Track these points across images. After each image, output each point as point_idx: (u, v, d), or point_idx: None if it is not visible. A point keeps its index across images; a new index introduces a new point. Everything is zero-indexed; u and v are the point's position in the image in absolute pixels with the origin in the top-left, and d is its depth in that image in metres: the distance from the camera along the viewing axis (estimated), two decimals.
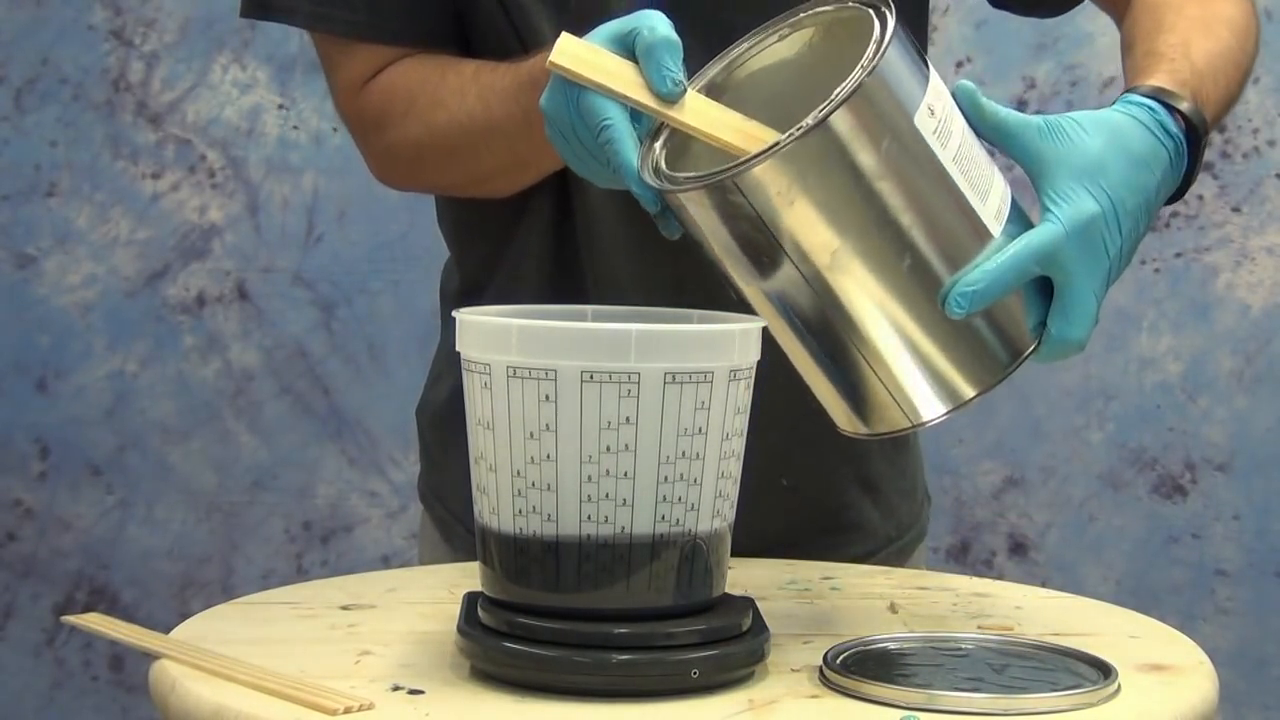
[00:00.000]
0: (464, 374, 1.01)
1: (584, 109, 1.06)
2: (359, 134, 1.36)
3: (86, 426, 2.45)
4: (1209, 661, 1.07)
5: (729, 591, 1.03)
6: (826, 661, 1.00)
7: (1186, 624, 1.75)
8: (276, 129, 2.44)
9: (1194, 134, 1.11)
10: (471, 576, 1.08)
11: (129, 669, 2.46)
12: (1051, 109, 2.39)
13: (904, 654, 1.04)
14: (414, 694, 0.97)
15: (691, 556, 0.99)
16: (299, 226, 2.45)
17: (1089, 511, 2.44)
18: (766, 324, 1.03)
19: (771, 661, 1.02)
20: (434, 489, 1.43)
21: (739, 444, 1.01)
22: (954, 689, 0.97)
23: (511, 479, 0.98)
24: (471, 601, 1.04)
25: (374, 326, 2.45)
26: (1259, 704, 2.43)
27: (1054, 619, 1.17)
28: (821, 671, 1.00)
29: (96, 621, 1.11)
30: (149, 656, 1.04)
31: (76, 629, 1.28)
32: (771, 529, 1.32)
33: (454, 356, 1.03)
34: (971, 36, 2.40)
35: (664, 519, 0.97)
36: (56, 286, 2.44)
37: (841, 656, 1.01)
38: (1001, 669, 1.02)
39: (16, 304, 2.44)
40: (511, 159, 1.27)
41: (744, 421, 1.01)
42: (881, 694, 0.96)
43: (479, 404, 1.00)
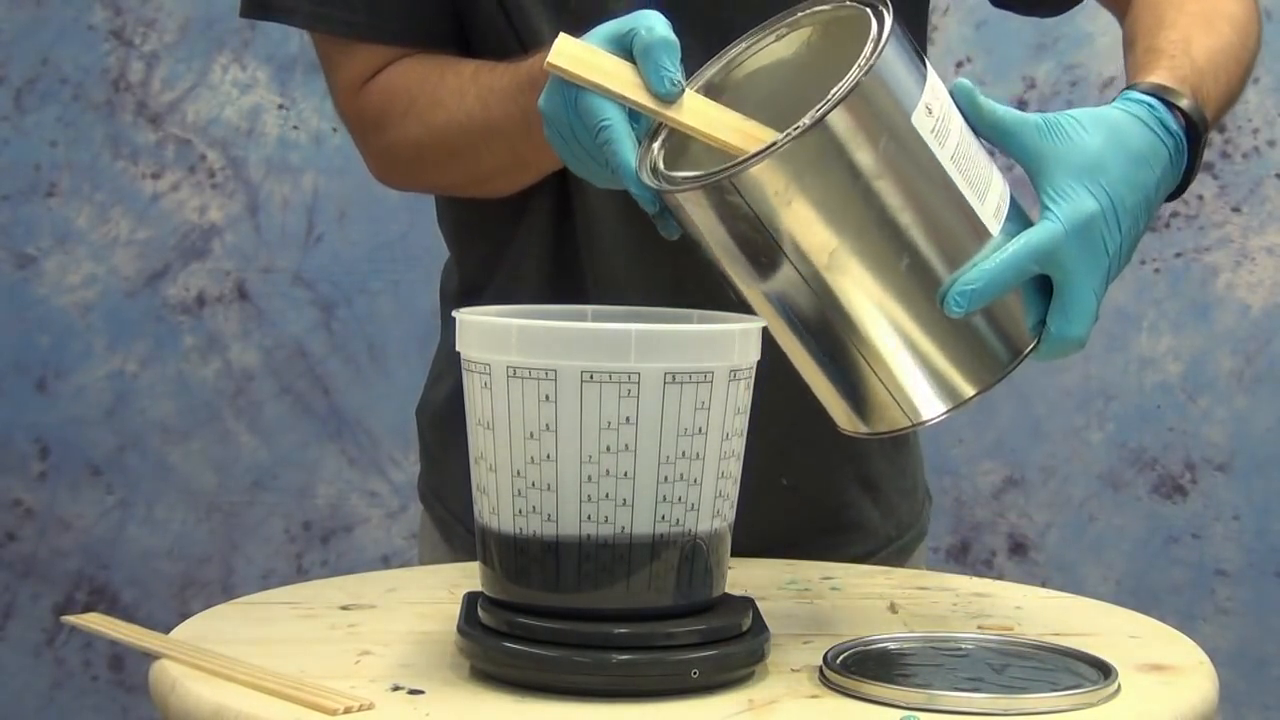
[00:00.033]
0: (464, 374, 1.01)
1: (582, 110, 1.06)
2: (358, 134, 1.36)
3: (86, 426, 2.45)
4: (1209, 661, 1.07)
5: (729, 591, 1.03)
6: (826, 661, 1.00)
7: (1186, 624, 1.75)
8: (276, 129, 2.44)
9: (1194, 131, 1.11)
10: (471, 576, 1.08)
11: (129, 669, 2.46)
12: (1051, 109, 2.37)
13: (904, 654, 1.04)
14: (414, 694, 0.97)
15: (691, 556, 0.99)
16: (299, 226, 2.45)
17: (1089, 511, 2.43)
18: (766, 324, 1.02)
19: (771, 661, 1.02)
20: (434, 489, 1.43)
21: (739, 444, 1.01)
22: (954, 689, 0.97)
23: (511, 479, 0.98)
24: (471, 601, 1.03)
25: (374, 326, 2.45)
26: (1259, 704, 2.42)
27: (1054, 619, 1.17)
28: (821, 671, 1.00)
29: (96, 621, 1.11)
30: (149, 656, 1.04)
31: (76, 629, 1.28)
32: (771, 528, 1.31)
33: (454, 356, 1.03)
34: (971, 36, 2.40)
35: (664, 519, 0.97)
36: (56, 286, 2.44)
37: (841, 656, 1.01)
38: (1001, 669, 1.02)
39: (16, 304, 2.44)
40: (511, 159, 1.27)
41: (744, 421, 1.01)
42: (881, 694, 0.96)
43: (479, 404, 1.00)
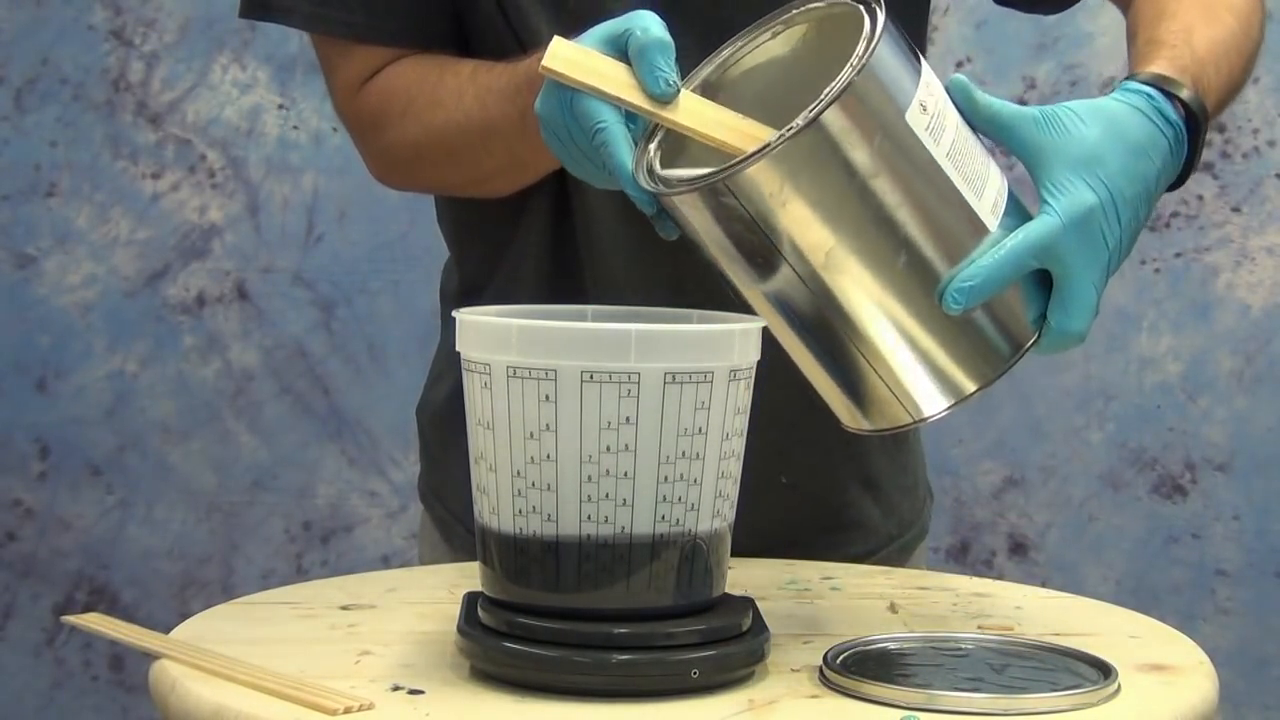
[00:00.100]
0: (464, 374, 1.01)
1: (578, 112, 1.05)
2: (357, 134, 1.35)
3: (86, 426, 2.45)
4: (1209, 661, 1.07)
5: (729, 591, 1.03)
6: (826, 661, 1.00)
7: (1186, 624, 1.75)
8: (276, 129, 2.44)
9: (1194, 121, 1.10)
10: (471, 576, 1.08)
11: (129, 669, 2.46)
12: None
13: (904, 654, 1.04)
14: (414, 694, 0.97)
15: (691, 556, 0.99)
16: (299, 226, 2.45)
17: (1089, 511, 2.43)
18: (766, 323, 1.02)
19: (771, 661, 1.02)
20: (434, 489, 1.43)
21: (739, 444, 1.01)
22: (954, 689, 0.97)
23: (511, 479, 0.98)
24: (471, 601, 1.03)
25: (374, 326, 2.45)
26: (1259, 704, 2.42)
27: (1054, 619, 1.17)
28: (821, 671, 1.00)
29: (96, 621, 1.11)
30: (149, 656, 1.04)
31: (76, 629, 1.28)
32: (771, 527, 1.31)
33: (454, 356, 1.03)
34: (971, 36, 2.40)
35: (664, 519, 0.97)
36: (56, 286, 2.44)
37: (841, 656, 1.01)
38: (1001, 669, 1.02)
39: (16, 304, 2.44)
40: (509, 159, 1.27)
41: (744, 421, 1.01)
42: (881, 694, 0.96)
43: (479, 404, 1.00)
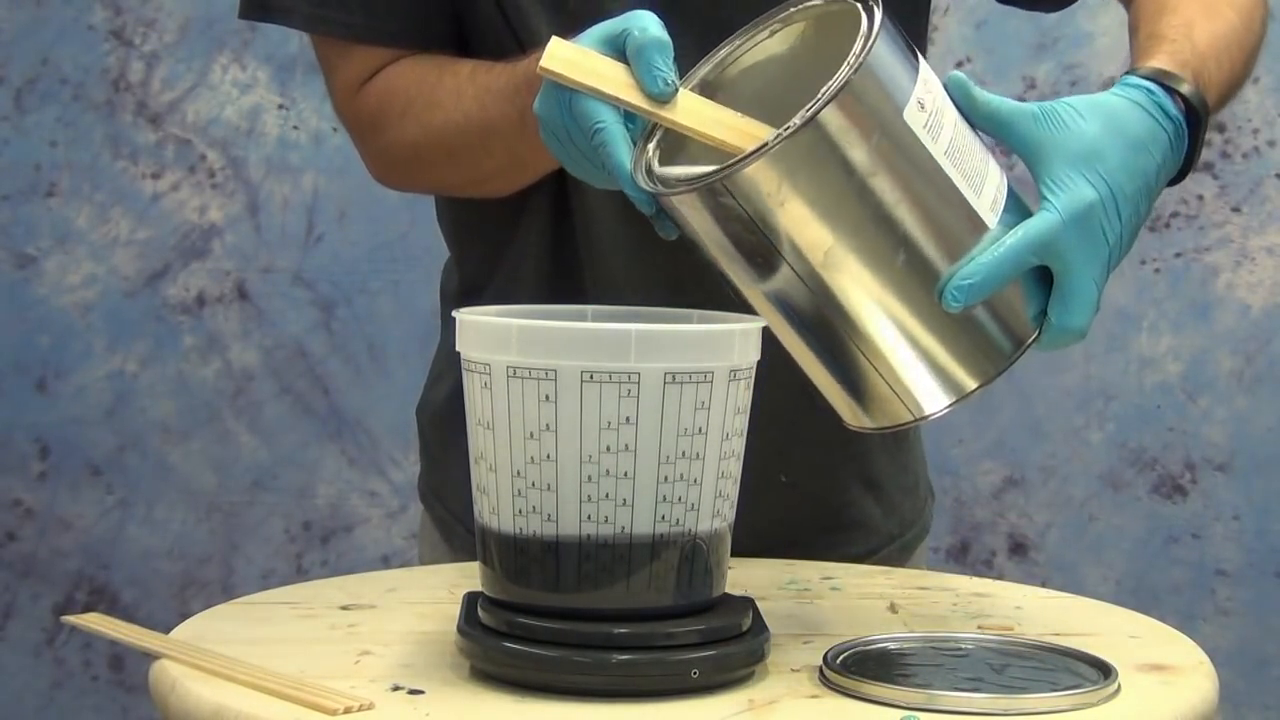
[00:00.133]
0: (464, 374, 1.01)
1: (577, 112, 1.05)
2: (357, 135, 1.35)
3: (86, 426, 2.45)
4: (1209, 661, 1.07)
5: (729, 591, 1.03)
6: (826, 661, 1.00)
7: (1186, 624, 1.75)
8: (276, 129, 2.44)
9: (1195, 116, 1.10)
10: (471, 576, 1.08)
11: (129, 669, 2.46)
12: None
13: (904, 654, 1.04)
14: (414, 694, 0.97)
15: (691, 556, 0.99)
16: (299, 226, 2.45)
17: (1089, 511, 2.43)
18: (766, 323, 1.02)
19: (771, 661, 1.02)
20: (434, 489, 1.43)
21: (739, 444, 1.01)
22: (954, 689, 0.97)
23: (511, 479, 0.98)
24: (471, 601, 1.03)
25: (374, 326, 2.45)
26: (1259, 704, 2.42)
27: (1054, 619, 1.17)
28: (821, 671, 1.00)
29: (96, 621, 1.11)
30: (149, 656, 1.04)
31: (76, 629, 1.28)
32: (770, 526, 1.31)
33: (454, 356, 1.03)
34: (971, 36, 2.40)
35: (664, 519, 0.97)
36: (56, 286, 2.44)
37: (841, 656, 1.01)
38: (1001, 669, 1.02)
39: (16, 304, 2.44)
40: (509, 159, 1.27)
41: (744, 421, 1.01)
42: (881, 694, 0.96)
43: (479, 404, 1.00)
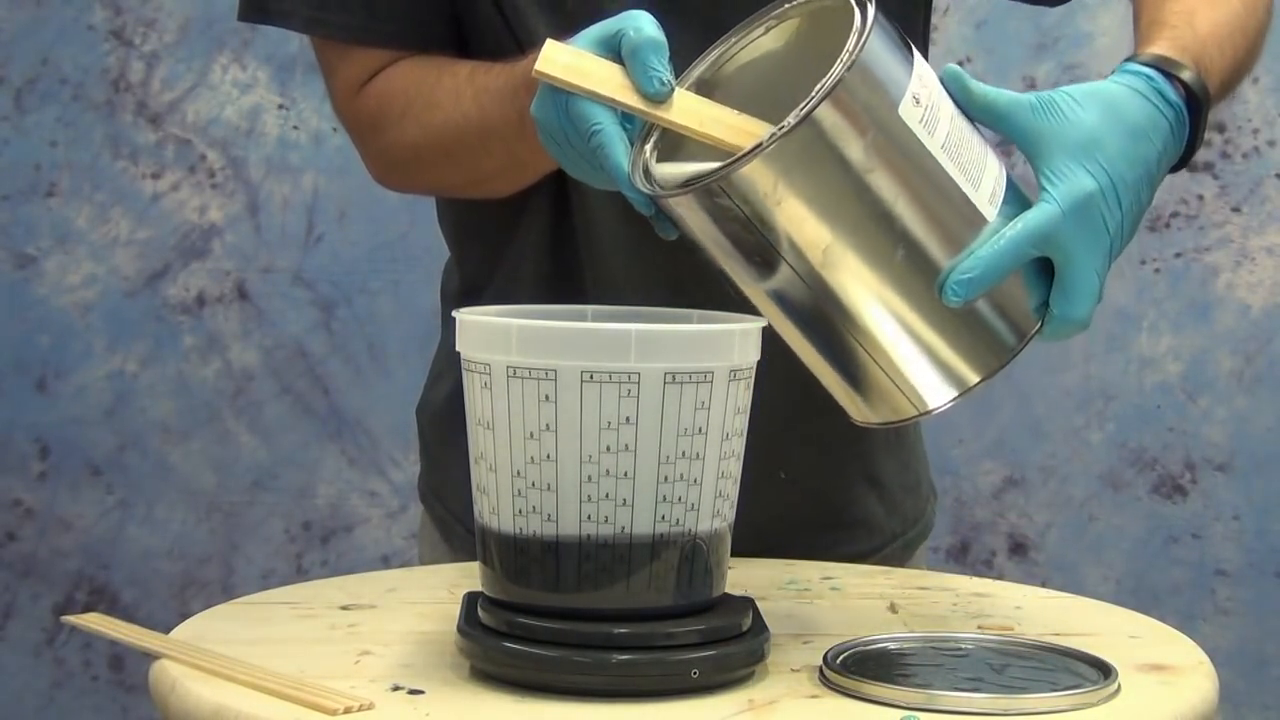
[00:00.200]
0: (464, 374, 1.01)
1: (574, 114, 1.05)
2: (356, 136, 1.36)
3: (86, 426, 2.45)
4: (1209, 661, 1.07)
5: (729, 591, 1.03)
6: (826, 661, 1.00)
7: (1186, 624, 1.75)
8: (276, 129, 2.44)
9: (1196, 102, 1.09)
10: (471, 576, 1.08)
11: (129, 669, 2.46)
12: None
13: (904, 654, 1.04)
14: (414, 694, 0.97)
15: (691, 556, 0.99)
16: (299, 226, 2.45)
17: (1089, 511, 2.43)
18: (767, 322, 1.02)
19: (771, 661, 1.02)
20: (434, 489, 1.43)
21: (739, 444, 1.01)
22: (954, 689, 0.97)
23: (511, 479, 0.98)
24: (471, 601, 1.03)
25: (374, 326, 2.45)
26: (1259, 704, 2.43)
27: (1054, 619, 1.17)
28: (821, 671, 1.00)
29: (96, 621, 1.11)
30: (149, 656, 1.04)
31: (76, 629, 1.28)
32: (770, 524, 1.31)
33: (454, 356, 1.03)
34: (971, 36, 2.40)
35: (664, 519, 0.97)
36: (56, 286, 2.44)
37: (841, 656, 1.01)
38: (1001, 669, 1.02)
39: (16, 304, 2.44)
40: (508, 160, 1.27)
41: (744, 421, 1.01)
42: (881, 694, 0.96)
43: (479, 404, 1.00)
